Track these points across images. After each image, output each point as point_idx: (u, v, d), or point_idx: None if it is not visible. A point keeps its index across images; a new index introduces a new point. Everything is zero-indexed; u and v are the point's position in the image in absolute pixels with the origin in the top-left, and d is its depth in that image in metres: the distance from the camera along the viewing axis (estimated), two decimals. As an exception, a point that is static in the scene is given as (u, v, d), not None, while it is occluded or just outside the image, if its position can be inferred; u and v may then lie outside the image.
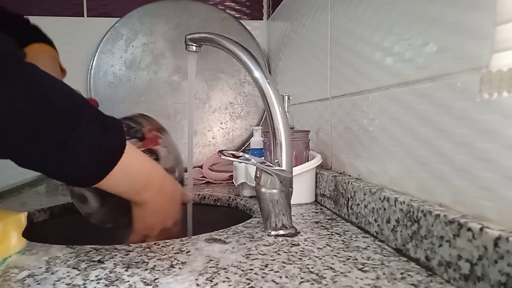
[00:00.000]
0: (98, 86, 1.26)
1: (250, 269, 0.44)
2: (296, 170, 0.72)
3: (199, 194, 0.90)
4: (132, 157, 0.49)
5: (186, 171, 0.68)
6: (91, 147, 0.43)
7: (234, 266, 0.44)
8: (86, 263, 0.46)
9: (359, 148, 0.66)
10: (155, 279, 0.41)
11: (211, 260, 0.47)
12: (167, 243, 0.53)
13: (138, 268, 0.45)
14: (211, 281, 0.41)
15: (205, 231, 0.58)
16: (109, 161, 0.46)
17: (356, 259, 0.46)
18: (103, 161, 0.45)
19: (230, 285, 0.40)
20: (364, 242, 0.53)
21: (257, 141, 0.91)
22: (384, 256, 0.47)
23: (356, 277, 0.41)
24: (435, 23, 0.46)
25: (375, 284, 0.39)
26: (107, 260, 0.47)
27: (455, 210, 0.42)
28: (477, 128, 0.39)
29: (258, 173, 0.57)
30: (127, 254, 0.49)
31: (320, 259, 0.46)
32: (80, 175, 0.46)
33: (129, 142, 0.48)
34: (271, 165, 0.56)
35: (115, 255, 0.49)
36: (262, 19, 1.38)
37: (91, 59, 1.27)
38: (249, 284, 0.40)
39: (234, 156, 0.55)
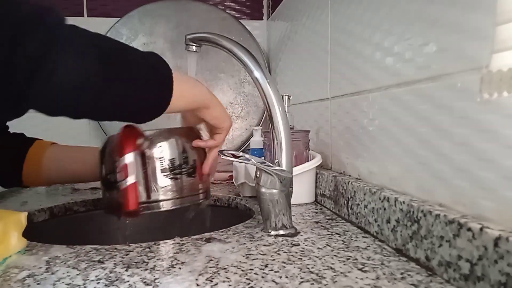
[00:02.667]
0: (98, 86, 1.26)
1: (250, 269, 0.44)
2: (296, 170, 0.72)
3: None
4: (179, 77, 0.53)
5: None
6: (149, 84, 0.49)
7: (234, 266, 0.44)
8: (86, 263, 0.46)
9: (359, 148, 0.66)
10: (155, 279, 0.41)
11: (211, 260, 0.47)
12: (167, 243, 0.53)
13: (138, 268, 0.45)
14: (211, 281, 0.41)
15: (205, 231, 0.58)
16: (166, 88, 0.51)
17: (356, 259, 0.46)
18: (162, 91, 0.51)
19: (230, 285, 0.40)
20: (364, 242, 0.53)
21: (257, 141, 0.91)
22: (384, 256, 0.47)
23: (356, 277, 0.41)
24: (435, 23, 0.46)
25: (375, 284, 0.39)
26: (107, 260, 0.47)
27: (455, 210, 0.42)
28: (477, 128, 0.39)
29: (258, 173, 0.57)
30: (127, 254, 0.49)
31: (320, 259, 0.46)
32: (147, 110, 0.51)
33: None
34: (271, 165, 0.56)
35: (115, 255, 0.49)
36: (262, 19, 1.38)
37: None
38: (249, 284, 0.40)
39: (234, 156, 0.55)
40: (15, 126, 0.71)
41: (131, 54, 0.49)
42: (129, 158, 0.55)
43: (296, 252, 0.49)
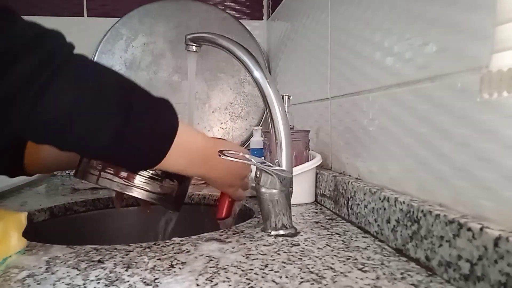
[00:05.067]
0: (98, 86, 1.26)
1: (250, 269, 0.44)
2: (296, 170, 0.72)
3: (199, 194, 0.90)
4: (186, 135, 0.50)
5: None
6: (146, 132, 0.46)
7: (234, 266, 0.44)
8: (86, 263, 0.46)
9: (359, 148, 0.66)
10: (155, 279, 0.41)
11: (211, 260, 0.47)
12: (167, 243, 0.53)
13: (138, 268, 0.45)
14: (211, 281, 0.41)
15: (205, 231, 0.58)
16: (165, 142, 0.48)
17: (356, 259, 0.46)
18: (159, 143, 0.47)
19: (230, 285, 0.40)
20: (364, 242, 0.53)
21: (257, 141, 0.91)
22: (384, 256, 0.47)
23: (356, 277, 0.41)
24: (435, 23, 0.46)
25: (375, 284, 0.39)
26: (107, 260, 0.47)
27: (455, 210, 0.42)
28: (477, 128, 0.39)
29: (258, 173, 0.57)
30: (127, 254, 0.49)
31: (320, 259, 0.46)
32: (140, 160, 0.48)
33: (181, 120, 0.50)
34: (271, 165, 0.56)
35: (115, 255, 0.49)
36: (262, 19, 1.38)
37: (91, 59, 1.27)
38: (249, 284, 0.40)
39: (234, 156, 0.55)
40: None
41: (137, 95, 0.46)
42: None
43: (296, 252, 0.49)
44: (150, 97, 0.48)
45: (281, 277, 0.41)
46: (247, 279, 0.41)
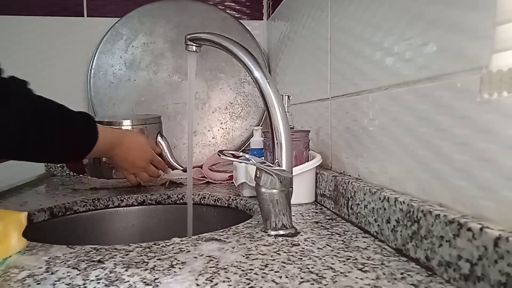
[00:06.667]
0: (98, 86, 1.26)
1: (250, 269, 0.44)
2: (296, 170, 0.72)
3: (199, 194, 0.90)
4: (103, 137, 0.78)
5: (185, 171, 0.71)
6: (71, 146, 0.75)
7: (234, 266, 0.45)
8: (86, 263, 0.46)
9: (359, 148, 0.66)
10: (155, 279, 0.41)
11: (211, 260, 0.47)
12: (167, 243, 0.53)
13: (138, 268, 0.45)
14: (211, 281, 0.41)
15: (205, 231, 0.58)
16: (84, 150, 0.77)
17: (356, 259, 0.46)
18: (80, 152, 0.77)
19: (230, 285, 0.40)
20: (364, 242, 0.53)
21: (257, 141, 0.91)
22: (384, 256, 0.47)
23: (356, 277, 0.41)
24: (435, 23, 0.46)
25: (375, 284, 0.39)
26: (107, 260, 0.47)
27: (455, 210, 0.42)
28: (477, 128, 0.39)
29: (258, 173, 0.57)
30: (127, 254, 0.49)
31: (320, 259, 0.46)
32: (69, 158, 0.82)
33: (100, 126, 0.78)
34: (271, 165, 0.56)
35: (115, 255, 0.49)
36: (262, 19, 1.38)
37: (91, 59, 1.27)
38: (249, 284, 0.40)
39: (234, 156, 0.55)
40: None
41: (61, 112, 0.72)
42: None
43: (296, 252, 0.49)
44: (69, 120, 0.73)
45: (281, 277, 0.41)
46: (247, 279, 0.41)
